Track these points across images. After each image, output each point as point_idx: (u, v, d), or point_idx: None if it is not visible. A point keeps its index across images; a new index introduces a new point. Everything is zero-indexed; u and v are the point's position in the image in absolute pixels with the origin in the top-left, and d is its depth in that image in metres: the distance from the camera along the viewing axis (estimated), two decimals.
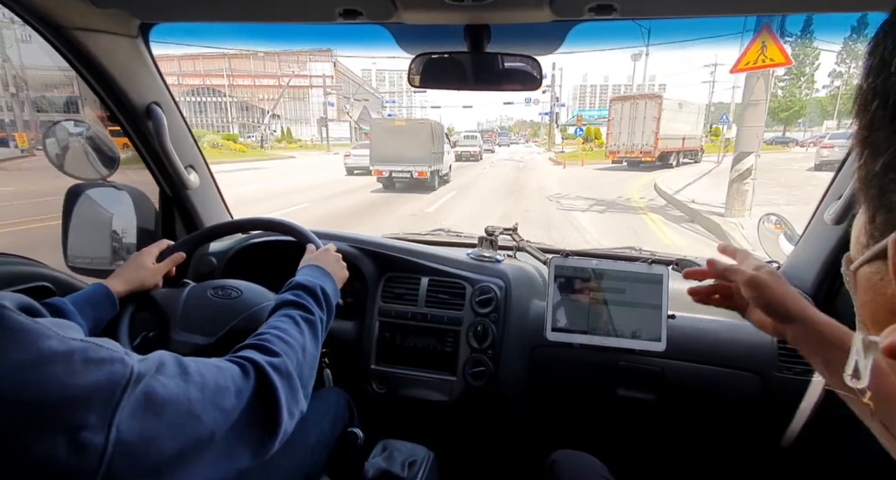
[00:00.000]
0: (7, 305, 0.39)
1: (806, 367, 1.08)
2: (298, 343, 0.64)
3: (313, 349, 0.68)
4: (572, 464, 0.93)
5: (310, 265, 0.88)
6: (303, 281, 0.79)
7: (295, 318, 0.69)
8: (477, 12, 0.88)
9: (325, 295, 0.79)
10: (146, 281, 0.94)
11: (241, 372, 0.53)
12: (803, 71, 33.66)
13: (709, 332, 1.15)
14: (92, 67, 1.04)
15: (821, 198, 1.16)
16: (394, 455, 1.00)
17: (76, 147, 1.19)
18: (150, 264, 0.96)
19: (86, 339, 0.42)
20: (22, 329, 0.39)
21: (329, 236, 1.33)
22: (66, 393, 0.37)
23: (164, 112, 1.17)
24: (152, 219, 1.29)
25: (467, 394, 1.23)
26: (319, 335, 0.72)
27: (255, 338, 0.63)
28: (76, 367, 0.39)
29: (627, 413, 1.22)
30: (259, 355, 0.57)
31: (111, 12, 0.96)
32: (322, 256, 0.93)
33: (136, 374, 0.42)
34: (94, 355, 0.41)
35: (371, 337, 1.29)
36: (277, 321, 0.68)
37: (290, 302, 0.73)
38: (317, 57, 40.57)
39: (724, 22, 3.97)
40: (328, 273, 0.87)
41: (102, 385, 0.39)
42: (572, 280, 1.13)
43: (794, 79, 34.10)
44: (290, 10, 0.94)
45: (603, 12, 0.86)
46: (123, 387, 0.40)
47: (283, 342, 0.62)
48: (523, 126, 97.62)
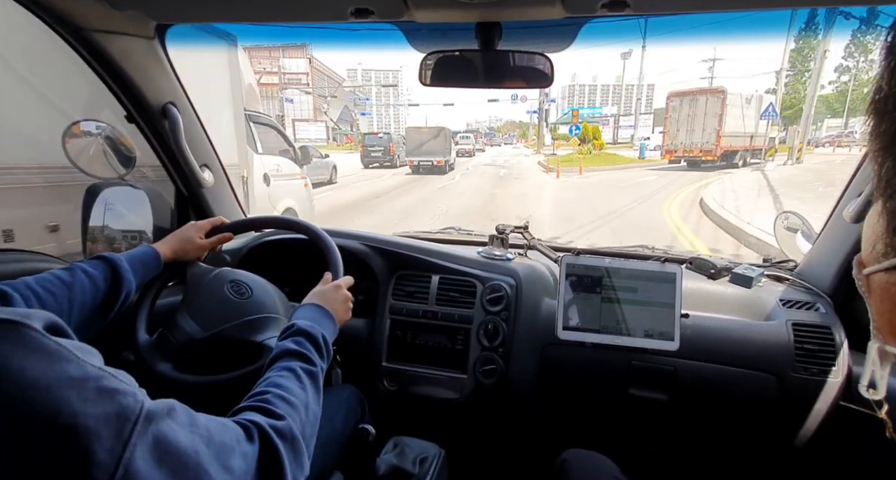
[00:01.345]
0: (33, 325, 0.39)
1: (823, 367, 1.06)
2: (301, 401, 0.62)
3: (316, 405, 0.66)
4: (583, 463, 0.92)
5: (314, 304, 0.85)
6: (305, 327, 0.76)
7: (297, 372, 0.67)
8: (488, 10, 0.88)
9: (326, 343, 0.77)
10: (190, 254, 1.01)
11: (245, 434, 0.51)
12: (808, 66, 31.47)
13: (723, 331, 1.14)
14: (110, 68, 1.06)
15: (840, 195, 1.14)
16: (405, 451, 1.01)
17: (96, 147, 1.22)
18: (199, 239, 1.02)
19: (102, 367, 0.41)
20: (44, 349, 0.38)
21: (342, 234, 1.34)
22: (75, 420, 0.36)
23: (179, 112, 1.19)
24: (168, 217, 1.32)
25: (478, 392, 1.24)
26: (321, 387, 0.70)
27: (256, 399, 0.59)
28: (89, 395, 0.38)
29: (639, 413, 1.21)
30: (262, 418, 0.55)
31: (128, 14, 0.98)
32: (331, 294, 0.91)
33: (146, 412, 0.41)
34: (107, 384, 0.40)
35: (382, 334, 1.30)
36: (279, 376, 0.65)
37: (291, 353, 0.70)
38: (291, 53, 37.76)
39: (732, 17, 3.75)
40: (331, 315, 0.85)
41: (112, 418, 0.38)
42: (584, 278, 1.13)
43: (799, 74, 32.16)
44: (303, 10, 0.95)
45: (615, 8, 0.85)
46: (133, 423, 0.39)
47: (285, 402, 0.60)
48: (512, 126, 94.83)
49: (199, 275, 1.00)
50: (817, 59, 6.55)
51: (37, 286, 0.72)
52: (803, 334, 1.09)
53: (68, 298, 0.75)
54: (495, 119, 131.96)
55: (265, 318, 0.96)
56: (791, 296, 1.20)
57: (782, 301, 1.19)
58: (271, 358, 0.70)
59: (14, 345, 0.37)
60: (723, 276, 1.32)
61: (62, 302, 0.74)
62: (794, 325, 1.10)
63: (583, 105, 37.66)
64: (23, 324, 0.39)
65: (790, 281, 1.29)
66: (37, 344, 0.38)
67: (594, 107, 37.95)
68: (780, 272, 1.33)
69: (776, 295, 1.22)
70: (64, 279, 0.76)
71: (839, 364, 1.05)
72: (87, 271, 0.80)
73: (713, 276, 1.32)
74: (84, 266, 0.80)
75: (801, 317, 1.12)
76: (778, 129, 13.43)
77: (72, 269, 0.79)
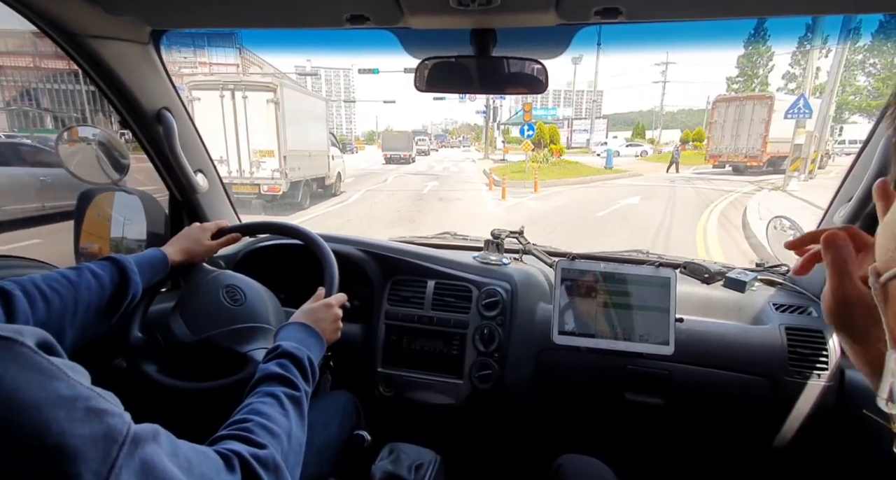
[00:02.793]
0: (26, 342, 0.39)
1: (816, 371, 1.07)
2: (284, 430, 0.60)
3: (300, 433, 0.63)
4: (579, 468, 0.92)
5: (302, 323, 0.83)
6: (290, 349, 0.73)
7: (280, 399, 0.64)
8: (483, 16, 0.88)
9: (312, 365, 0.74)
10: (197, 256, 1.01)
11: (226, 465, 0.50)
12: (756, 73, 31.45)
13: (717, 336, 1.15)
14: (105, 74, 1.06)
15: (830, 200, 1.15)
16: (400, 458, 1.00)
17: (88, 152, 1.22)
18: (206, 241, 1.02)
19: (91, 387, 0.41)
20: (36, 367, 0.38)
21: (337, 240, 1.34)
22: (63, 440, 0.36)
23: (173, 117, 1.19)
24: (162, 223, 1.31)
25: (474, 398, 1.23)
26: (305, 412, 0.67)
27: (238, 427, 0.57)
28: (77, 415, 0.38)
29: (635, 418, 1.21)
30: (243, 447, 0.53)
31: (124, 20, 0.98)
32: (321, 313, 0.88)
33: (132, 434, 0.40)
34: (95, 405, 0.39)
35: (378, 340, 1.29)
36: (261, 403, 0.62)
37: (275, 377, 0.68)
38: (218, 43, 31.56)
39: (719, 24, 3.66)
40: (318, 334, 0.82)
41: (99, 439, 0.38)
42: (579, 283, 1.13)
43: (748, 80, 31.65)
44: (298, 16, 0.95)
45: (609, 16, 0.86)
46: (120, 445, 0.39)
47: (267, 431, 0.58)
48: (467, 129, 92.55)
49: (199, 277, 1.00)
50: (834, 63, 6.10)
51: (43, 284, 0.71)
52: (796, 338, 1.10)
53: (74, 298, 0.74)
54: (451, 121, 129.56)
55: (254, 328, 0.95)
56: (784, 300, 1.21)
57: (775, 305, 1.20)
58: (254, 381, 0.68)
59: (6, 362, 0.37)
60: (717, 281, 1.33)
61: (67, 301, 0.73)
62: (788, 329, 1.11)
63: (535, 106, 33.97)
64: (15, 341, 0.38)
65: (783, 285, 1.30)
66: (28, 362, 0.38)
67: (548, 109, 35.21)
68: (772, 276, 1.34)
69: (769, 299, 1.23)
70: (71, 278, 0.76)
71: (832, 367, 1.06)
72: (95, 271, 0.79)
73: (707, 281, 1.33)
74: (92, 266, 0.80)
75: (794, 321, 1.13)
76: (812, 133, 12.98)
77: (79, 269, 0.78)
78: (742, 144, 16.70)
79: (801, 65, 30.89)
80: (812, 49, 24.67)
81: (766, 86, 31.11)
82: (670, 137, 41.33)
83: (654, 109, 51.31)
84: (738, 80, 31.65)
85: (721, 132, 17.34)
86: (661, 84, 41.15)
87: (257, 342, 0.94)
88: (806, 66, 30.03)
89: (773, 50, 30.72)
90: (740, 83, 31.59)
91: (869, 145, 1.04)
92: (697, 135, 30.50)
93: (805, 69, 30.30)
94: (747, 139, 16.53)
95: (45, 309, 0.70)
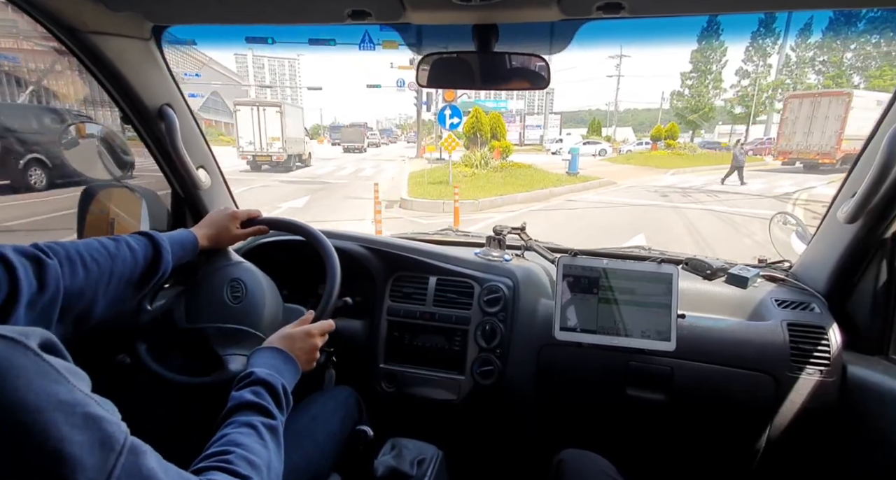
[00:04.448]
0: (30, 344, 0.39)
1: (818, 367, 1.07)
2: (264, 461, 0.59)
3: (278, 463, 0.62)
4: (580, 464, 0.93)
5: (274, 347, 0.80)
6: (264, 376, 0.70)
7: (258, 428, 0.63)
8: (485, 12, 0.88)
9: (286, 393, 0.72)
10: (223, 243, 1.02)
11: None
12: (710, 68, 30.35)
13: (719, 332, 1.14)
14: (106, 70, 1.06)
15: (834, 195, 1.14)
16: (403, 453, 1.01)
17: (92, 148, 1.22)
18: (235, 229, 1.02)
19: (89, 394, 0.41)
20: (39, 370, 0.38)
21: (339, 236, 1.34)
22: (62, 446, 0.36)
23: (175, 113, 1.19)
24: (164, 219, 1.31)
25: (475, 393, 1.24)
26: (281, 442, 0.66)
27: (219, 458, 0.56)
28: (76, 420, 0.38)
29: (636, 414, 1.21)
30: (227, 478, 0.53)
31: (125, 16, 0.98)
32: (299, 341, 0.84)
33: (129, 444, 0.40)
34: (94, 411, 0.39)
35: (379, 336, 1.30)
36: (239, 434, 0.61)
37: (250, 406, 0.66)
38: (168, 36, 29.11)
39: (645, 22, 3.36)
40: (293, 361, 0.80)
41: (96, 446, 0.38)
42: (581, 279, 1.13)
43: (702, 76, 30.52)
44: (300, 12, 0.95)
45: (611, 11, 0.85)
46: (118, 454, 0.39)
47: (248, 463, 0.57)
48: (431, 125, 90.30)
49: (213, 264, 1.00)
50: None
51: (85, 252, 0.72)
52: (798, 334, 1.10)
53: (110, 269, 0.75)
54: (406, 116, 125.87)
55: (240, 331, 0.96)
56: (786, 297, 1.21)
57: (777, 301, 1.20)
58: (228, 409, 0.66)
59: (10, 364, 0.37)
60: (719, 277, 1.33)
61: (105, 271, 0.74)
62: (790, 325, 1.11)
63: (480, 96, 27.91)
64: (19, 343, 0.38)
65: (785, 281, 1.30)
66: (31, 365, 0.38)
67: (498, 100, 29.73)
68: (775, 272, 1.34)
69: (771, 295, 1.23)
70: (110, 249, 0.77)
71: (834, 364, 1.06)
72: (131, 245, 0.80)
73: (709, 277, 1.33)
74: (128, 239, 0.81)
75: (796, 317, 1.13)
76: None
77: (117, 240, 0.79)
78: (815, 141, 16.22)
79: (753, 61, 30.08)
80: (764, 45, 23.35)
81: (719, 83, 30.37)
82: (625, 135, 39.38)
83: (608, 106, 48.09)
84: (692, 75, 30.89)
85: (792, 128, 16.85)
86: (615, 78, 39.15)
87: (238, 346, 0.95)
88: (759, 62, 29.44)
89: (726, 45, 29.97)
90: (694, 79, 30.86)
91: (873, 140, 1.04)
92: (670, 131, 26.14)
93: (758, 65, 29.72)
94: (821, 136, 16.06)
95: (85, 276, 0.71)
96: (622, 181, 12.88)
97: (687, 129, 31.47)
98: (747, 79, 30.12)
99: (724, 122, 36.40)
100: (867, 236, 1.06)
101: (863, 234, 1.06)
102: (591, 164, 18.00)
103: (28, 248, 0.66)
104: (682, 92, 31.48)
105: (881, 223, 1.03)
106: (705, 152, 24.71)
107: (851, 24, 26.12)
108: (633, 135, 40.75)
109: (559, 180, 11.62)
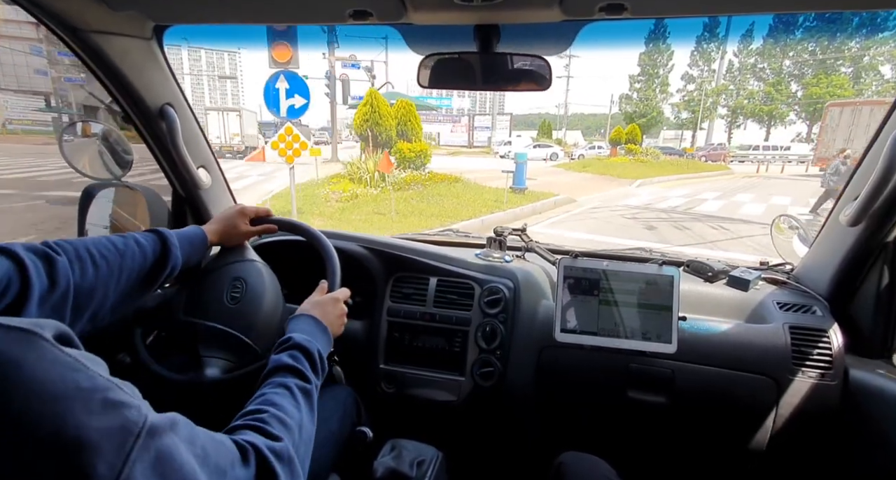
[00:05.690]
0: (45, 335, 0.39)
1: (819, 370, 1.06)
2: (296, 422, 0.61)
3: (310, 425, 0.65)
4: (580, 466, 0.92)
5: (309, 315, 0.84)
6: (301, 341, 0.74)
7: (292, 390, 0.65)
8: (486, 12, 0.88)
9: (321, 358, 0.76)
10: (232, 240, 1.02)
11: (242, 456, 0.50)
12: (657, 72, 30.16)
13: (720, 334, 1.14)
14: (107, 69, 1.06)
15: (836, 198, 1.14)
16: (402, 454, 1.00)
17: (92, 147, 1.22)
18: (244, 226, 1.02)
19: (110, 379, 0.41)
20: (55, 359, 0.38)
21: (339, 236, 1.34)
22: (79, 433, 0.36)
23: (176, 113, 1.19)
24: (165, 219, 1.31)
25: (475, 395, 1.23)
26: (315, 404, 0.68)
27: (253, 417, 0.58)
28: (94, 407, 0.38)
29: (637, 416, 1.21)
30: (260, 438, 0.54)
31: (126, 15, 0.98)
32: (329, 306, 0.89)
33: (149, 425, 0.40)
34: (113, 396, 0.39)
35: (380, 336, 1.30)
36: (275, 394, 0.64)
37: (287, 368, 0.69)
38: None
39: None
40: (325, 328, 0.84)
41: (115, 432, 0.38)
42: (582, 281, 1.13)
43: (649, 79, 30.41)
44: (301, 11, 0.95)
45: (614, 12, 0.85)
46: (136, 437, 0.39)
47: (281, 423, 0.59)
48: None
49: (221, 259, 1.01)
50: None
51: (94, 249, 0.73)
52: (800, 337, 1.09)
53: (119, 265, 0.76)
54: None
55: (227, 334, 0.94)
56: (788, 299, 1.21)
57: (779, 304, 1.19)
58: (267, 370, 0.69)
59: (26, 354, 0.37)
60: (720, 279, 1.32)
61: (114, 267, 0.75)
62: (791, 328, 1.11)
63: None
64: (34, 333, 0.38)
65: (787, 284, 1.29)
66: (47, 354, 0.38)
67: (441, 98, 28.89)
68: (776, 275, 1.34)
69: (773, 298, 1.22)
70: (118, 245, 0.77)
71: (835, 367, 1.06)
72: (139, 241, 0.80)
73: (710, 279, 1.33)
74: (136, 236, 0.81)
75: (797, 320, 1.13)
76: None
77: (125, 237, 0.79)
78: (856, 148, 15.97)
79: (699, 65, 30.27)
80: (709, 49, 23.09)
81: (666, 86, 30.02)
82: (575, 139, 37.73)
83: (558, 108, 46.32)
84: (640, 78, 30.76)
85: (832, 135, 16.97)
86: (564, 79, 38.44)
87: (220, 350, 0.94)
88: (703, 66, 28.93)
89: (672, 49, 30.06)
90: (642, 82, 30.71)
91: (876, 144, 1.03)
92: (631, 134, 23.62)
93: (703, 70, 29.30)
94: (861, 144, 16.17)
95: (94, 272, 0.71)
96: (582, 196, 10.16)
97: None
98: (693, 83, 30.33)
99: (668, 127, 35.87)
100: (869, 239, 1.06)
101: (865, 237, 1.06)
102: (543, 172, 15.69)
103: (37, 245, 0.66)
104: (631, 95, 31.21)
105: (884, 226, 1.03)
106: (669, 159, 22.39)
107: (790, 31, 26.57)
108: (583, 139, 39.09)
109: (498, 200, 8.32)
